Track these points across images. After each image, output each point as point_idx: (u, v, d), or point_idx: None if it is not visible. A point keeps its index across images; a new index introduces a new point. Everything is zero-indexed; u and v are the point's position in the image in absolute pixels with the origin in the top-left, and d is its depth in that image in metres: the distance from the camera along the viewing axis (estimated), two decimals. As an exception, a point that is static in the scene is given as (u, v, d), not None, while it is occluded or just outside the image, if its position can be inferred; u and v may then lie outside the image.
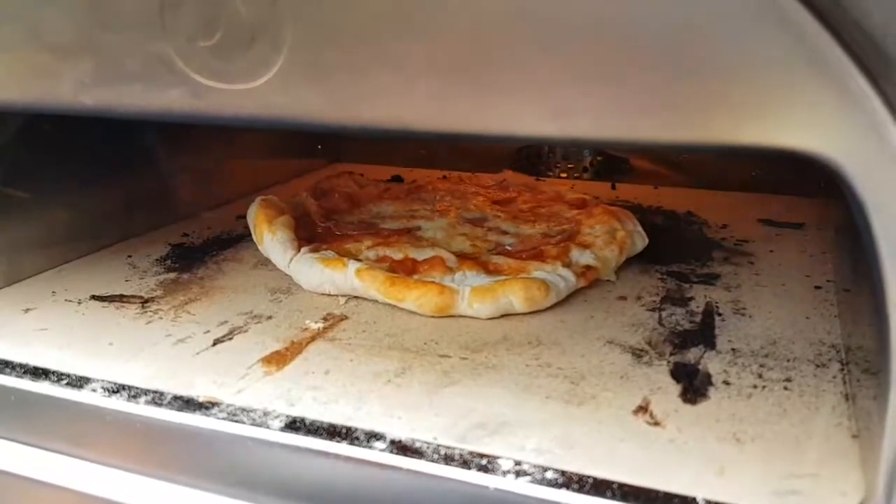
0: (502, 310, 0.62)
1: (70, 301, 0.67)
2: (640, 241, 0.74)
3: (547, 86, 0.35)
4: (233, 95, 0.42)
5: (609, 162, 1.08)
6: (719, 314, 0.62)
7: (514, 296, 0.62)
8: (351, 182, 0.93)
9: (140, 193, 0.84)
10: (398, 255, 0.70)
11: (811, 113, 0.31)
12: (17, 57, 0.46)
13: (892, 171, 0.31)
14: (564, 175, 1.10)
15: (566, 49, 0.34)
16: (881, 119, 0.31)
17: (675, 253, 0.76)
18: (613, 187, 1.03)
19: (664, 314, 0.62)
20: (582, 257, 0.69)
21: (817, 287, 0.67)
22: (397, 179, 1.09)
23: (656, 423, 0.47)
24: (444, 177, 1.04)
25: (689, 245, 0.79)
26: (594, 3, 0.33)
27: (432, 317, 0.63)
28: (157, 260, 0.77)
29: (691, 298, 0.65)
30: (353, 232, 0.77)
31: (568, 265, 0.67)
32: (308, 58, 0.39)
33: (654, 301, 0.65)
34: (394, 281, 0.64)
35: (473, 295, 0.62)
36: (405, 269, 0.67)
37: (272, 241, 0.72)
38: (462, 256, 0.70)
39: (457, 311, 0.62)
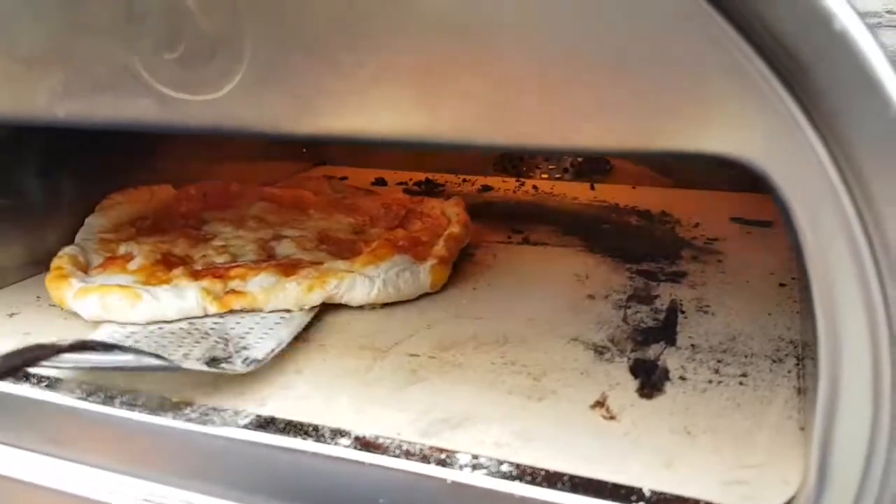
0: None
1: (53, 306, 0.68)
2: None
3: (495, 96, 0.37)
4: (198, 106, 0.43)
5: (590, 162, 1.10)
6: (682, 312, 0.64)
7: None
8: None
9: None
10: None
11: (733, 119, 0.33)
12: (-9, 70, 0.48)
13: (810, 171, 0.33)
14: (545, 176, 1.12)
15: (510, 62, 0.36)
16: (799, 123, 0.32)
17: (646, 252, 0.77)
18: (592, 188, 1.05)
19: (629, 312, 0.64)
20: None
21: (782, 284, 0.69)
22: (381, 182, 1.10)
23: (612, 418, 0.48)
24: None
25: (659, 244, 0.81)
26: (534, 23, 0.35)
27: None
28: (139, 265, 0.78)
29: (657, 296, 0.67)
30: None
31: None
32: (267, 69, 0.41)
33: (621, 299, 0.67)
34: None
35: None
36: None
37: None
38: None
39: None
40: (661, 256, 0.76)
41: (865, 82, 0.30)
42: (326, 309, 0.66)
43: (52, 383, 0.55)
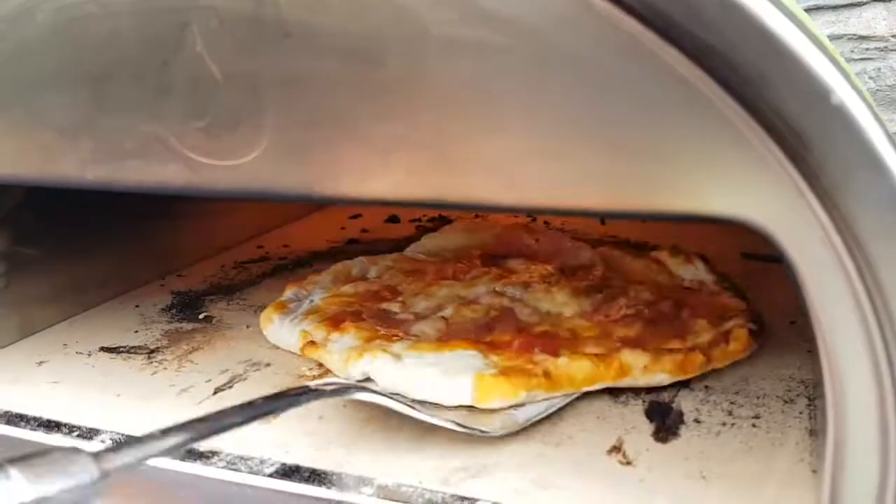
0: None
1: (80, 353, 0.70)
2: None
3: (504, 161, 0.39)
4: (223, 171, 0.45)
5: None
6: (695, 351, 0.65)
7: None
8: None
9: (146, 243, 0.88)
10: None
11: (740, 186, 0.35)
12: (25, 137, 0.50)
13: (813, 234, 0.34)
14: (557, 210, 1.13)
15: (520, 130, 0.38)
16: (802, 189, 0.34)
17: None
18: (602, 222, 1.06)
19: (643, 352, 0.65)
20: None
21: (792, 322, 0.70)
22: (394, 220, 1.12)
23: (628, 463, 0.50)
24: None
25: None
26: (542, 93, 0.37)
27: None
28: (162, 309, 0.80)
29: (670, 336, 0.68)
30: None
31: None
32: (290, 138, 0.43)
33: (635, 339, 0.68)
34: None
35: None
36: None
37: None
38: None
39: None
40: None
41: (863, 154, 0.32)
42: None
43: (83, 433, 0.56)
